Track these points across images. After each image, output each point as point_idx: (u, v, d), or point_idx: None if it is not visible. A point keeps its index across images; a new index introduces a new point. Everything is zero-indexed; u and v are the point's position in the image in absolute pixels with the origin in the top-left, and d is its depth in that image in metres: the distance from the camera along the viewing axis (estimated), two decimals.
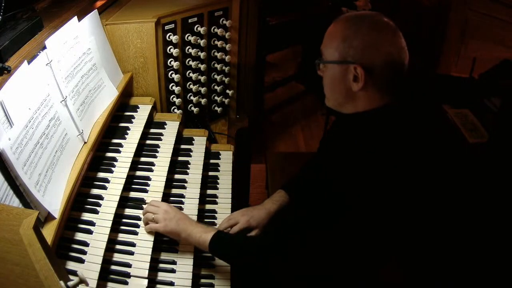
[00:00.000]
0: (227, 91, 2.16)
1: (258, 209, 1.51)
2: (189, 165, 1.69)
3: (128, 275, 1.21)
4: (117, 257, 1.26)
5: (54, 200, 1.13)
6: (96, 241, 1.19)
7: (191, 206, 1.52)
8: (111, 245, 1.27)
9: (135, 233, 1.32)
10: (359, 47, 1.12)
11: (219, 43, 1.98)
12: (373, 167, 1.09)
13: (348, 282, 1.23)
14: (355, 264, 1.17)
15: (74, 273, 1.10)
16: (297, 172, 1.64)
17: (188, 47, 1.87)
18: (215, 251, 1.29)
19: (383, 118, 1.16)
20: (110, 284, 1.19)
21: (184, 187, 1.59)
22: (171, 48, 1.78)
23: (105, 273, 1.20)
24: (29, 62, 1.14)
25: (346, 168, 1.14)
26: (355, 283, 1.23)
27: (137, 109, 1.72)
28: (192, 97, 1.99)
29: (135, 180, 1.49)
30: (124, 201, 1.41)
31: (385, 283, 1.35)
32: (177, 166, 1.68)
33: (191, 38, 1.85)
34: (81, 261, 1.14)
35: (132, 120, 1.65)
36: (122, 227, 1.34)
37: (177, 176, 1.64)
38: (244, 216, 1.48)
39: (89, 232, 1.22)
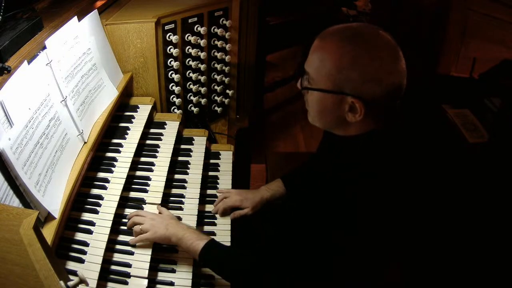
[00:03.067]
0: (227, 91, 2.16)
1: (252, 193, 1.57)
2: (189, 165, 1.69)
3: (128, 275, 1.21)
4: (117, 257, 1.26)
5: (54, 200, 1.13)
6: (96, 241, 1.19)
7: (191, 206, 1.52)
8: (111, 245, 1.27)
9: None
10: (358, 81, 1.01)
11: (219, 43, 1.98)
12: (369, 189, 1.03)
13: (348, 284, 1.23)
14: (352, 269, 1.16)
15: (74, 273, 1.10)
16: (299, 166, 1.64)
17: (188, 47, 1.87)
18: (205, 261, 1.26)
19: (375, 141, 1.09)
20: (110, 284, 1.19)
21: (184, 187, 1.59)
22: (171, 48, 1.78)
23: (105, 273, 1.19)
24: (29, 62, 1.14)
25: (340, 189, 1.06)
26: (354, 283, 1.23)
27: (137, 109, 1.72)
28: (192, 97, 1.99)
29: (135, 180, 1.49)
30: (124, 201, 1.41)
31: (385, 283, 1.35)
32: (177, 166, 1.68)
33: (191, 38, 1.85)
34: (81, 261, 1.14)
35: (132, 120, 1.65)
36: (122, 227, 1.34)
37: (177, 176, 1.64)
38: (238, 196, 1.54)
39: (89, 232, 1.22)
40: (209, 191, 1.67)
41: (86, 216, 1.26)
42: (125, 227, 1.34)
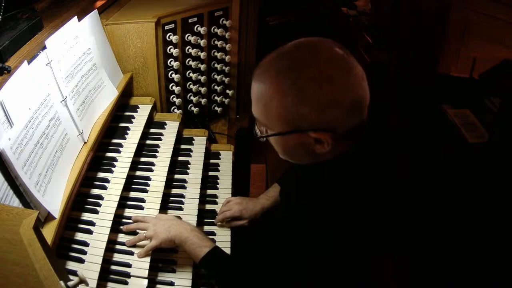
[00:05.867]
0: (227, 91, 2.16)
1: (253, 202, 1.54)
2: (189, 165, 1.69)
3: (128, 275, 1.21)
4: (117, 257, 1.26)
5: (54, 200, 1.13)
6: (96, 241, 1.19)
7: (191, 206, 1.52)
8: (111, 245, 1.28)
9: (135, 233, 1.32)
10: (313, 114, 0.90)
11: (219, 43, 1.98)
12: (350, 213, 0.97)
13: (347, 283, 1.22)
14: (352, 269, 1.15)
15: (74, 273, 1.10)
16: (288, 167, 1.62)
17: (188, 47, 1.87)
18: (204, 268, 1.25)
19: (351, 162, 1.00)
20: (110, 284, 1.19)
21: (184, 187, 1.59)
22: (171, 48, 1.78)
23: (105, 273, 1.20)
24: (29, 62, 1.14)
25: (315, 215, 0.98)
26: (354, 283, 1.23)
27: (137, 109, 1.72)
28: (192, 97, 1.99)
29: (135, 180, 1.49)
30: (124, 201, 1.41)
31: (385, 283, 1.35)
32: (177, 166, 1.68)
33: (191, 38, 1.85)
34: (81, 261, 1.14)
35: (132, 120, 1.65)
36: (122, 227, 1.34)
37: (177, 176, 1.64)
38: (238, 205, 1.52)
39: (89, 232, 1.22)
40: (209, 191, 1.67)
41: (86, 216, 1.27)
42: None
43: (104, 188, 1.35)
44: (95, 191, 1.34)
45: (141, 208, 1.40)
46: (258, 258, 1.16)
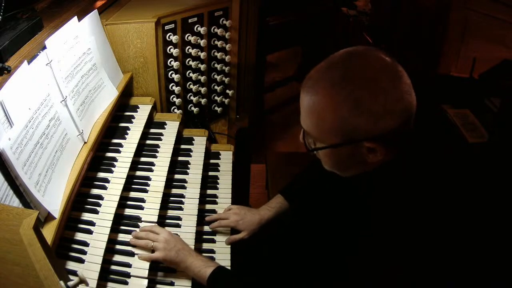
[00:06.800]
0: (227, 91, 2.16)
1: (252, 213, 1.50)
2: (189, 165, 1.69)
3: (128, 275, 1.21)
4: (117, 257, 1.26)
5: (54, 200, 1.13)
6: (96, 241, 1.19)
7: (191, 206, 1.52)
8: (111, 245, 1.27)
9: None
10: (368, 124, 0.91)
11: (219, 43, 1.98)
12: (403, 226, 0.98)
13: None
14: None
15: (74, 273, 1.10)
16: (296, 176, 1.59)
17: (188, 47, 1.87)
18: (214, 286, 1.24)
19: (396, 170, 1.00)
20: (110, 284, 1.19)
21: (184, 187, 1.59)
22: (171, 48, 1.78)
23: (105, 273, 1.20)
24: (29, 62, 1.14)
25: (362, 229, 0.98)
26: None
27: (137, 109, 1.72)
28: (192, 97, 1.99)
29: (135, 180, 1.49)
30: (124, 201, 1.41)
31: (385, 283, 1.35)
32: (177, 166, 1.68)
33: (191, 38, 1.85)
34: (81, 261, 1.14)
35: (132, 120, 1.65)
36: (122, 227, 1.34)
37: (177, 176, 1.64)
38: (235, 215, 1.49)
39: (89, 232, 1.22)
40: (209, 191, 1.67)
41: (86, 216, 1.27)
42: (126, 227, 1.34)
43: (104, 188, 1.35)
44: (95, 191, 1.34)
45: (141, 208, 1.40)
46: (272, 269, 1.16)
